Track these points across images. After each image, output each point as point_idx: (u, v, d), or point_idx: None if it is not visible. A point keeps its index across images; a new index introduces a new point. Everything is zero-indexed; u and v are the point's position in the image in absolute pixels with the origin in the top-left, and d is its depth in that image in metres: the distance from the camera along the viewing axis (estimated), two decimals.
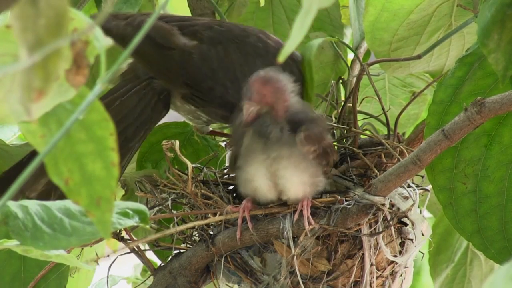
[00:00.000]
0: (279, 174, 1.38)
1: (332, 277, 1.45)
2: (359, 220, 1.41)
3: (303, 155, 1.37)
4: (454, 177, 1.38)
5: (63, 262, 0.99)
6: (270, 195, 1.40)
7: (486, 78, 1.36)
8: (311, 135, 1.36)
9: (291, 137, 1.36)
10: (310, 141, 1.36)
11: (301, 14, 0.81)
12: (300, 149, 1.36)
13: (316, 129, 1.37)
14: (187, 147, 1.64)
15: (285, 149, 1.36)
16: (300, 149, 1.36)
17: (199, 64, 1.47)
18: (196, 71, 1.47)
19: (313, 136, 1.36)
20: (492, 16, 1.21)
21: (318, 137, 1.37)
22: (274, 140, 1.36)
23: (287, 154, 1.36)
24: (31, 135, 0.84)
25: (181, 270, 1.49)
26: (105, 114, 0.83)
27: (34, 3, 0.75)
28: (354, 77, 1.61)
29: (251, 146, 1.38)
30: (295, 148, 1.36)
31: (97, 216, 0.85)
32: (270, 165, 1.37)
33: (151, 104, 1.49)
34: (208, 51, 1.47)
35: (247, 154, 1.38)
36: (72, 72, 0.78)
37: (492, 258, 1.38)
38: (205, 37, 1.47)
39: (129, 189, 1.60)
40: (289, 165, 1.37)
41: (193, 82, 1.47)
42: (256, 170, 1.38)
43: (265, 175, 1.38)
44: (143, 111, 1.49)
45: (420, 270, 1.90)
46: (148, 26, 0.79)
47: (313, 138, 1.36)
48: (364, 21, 1.51)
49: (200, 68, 1.47)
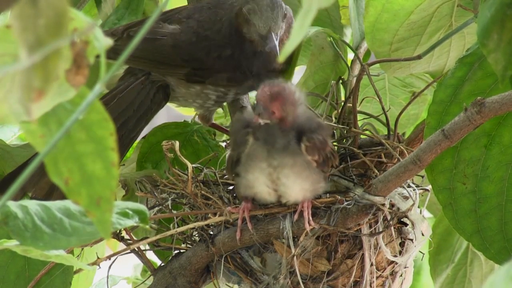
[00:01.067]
0: (280, 182, 1.37)
1: (332, 277, 1.45)
2: (359, 220, 1.41)
3: (306, 163, 1.36)
4: (454, 177, 1.38)
5: (63, 262, 0.99)
6: (270, 198, 1.40)
7: (486, 78, 1.36)
8: (315, 144, 1.36)
9: (296, 146, 1.36)
10: (313, 150, 1.36)
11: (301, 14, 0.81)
12: (304, 158, 1.36)
13: (319, 137, 1.36)
14: (187, 147, 1.64)
15: (288, 158, 1.36)
16: (304, 158, 1.36)
17: (190, 37, 1.49)
18: (188, 44, 1.50)
19: (317, 145, 1.36)
20: (492, 16, 1.21)
21: (321, 145, 1.36)
22: (279, 148, 1.35)
23: (290, 163, 1.36)
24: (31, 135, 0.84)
25: (181, 270, 1.49)
26: (105, 114, 0.83)
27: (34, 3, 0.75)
28: (354, 77, 1.61)
29: (253, 153, 1.37)
30: (299, 157, 1.36)
31: (97, 216, 0.85)
32: (271, 173, 1.37)
33: (150, 96, 1.52)
34: (192, 23, 1.49)
35: (248, 162, 1.38)
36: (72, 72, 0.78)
37: (491, 259, 1.38)
38: (184, 16, 1.52)
39: (130, 189, 1.60)
40: (291, 173, 1.37)
41: (190, 55, 1.49)
42: (256, 178, 1.38)
43: (265, 182, 1.38)
44: (143, 102, 1.51)
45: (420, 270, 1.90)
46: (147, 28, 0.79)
47: (317, 146, 1.36)
48: (364, 22, 1.51)
49: (191, 39, 1.50)
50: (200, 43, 1.49)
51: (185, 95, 1.53)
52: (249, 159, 1.37)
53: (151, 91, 1.52)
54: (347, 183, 1.47)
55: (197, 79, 1.51)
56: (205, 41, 1.49)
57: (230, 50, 1.48)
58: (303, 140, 1.35)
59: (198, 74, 1.50)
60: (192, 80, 1.51)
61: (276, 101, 1.34)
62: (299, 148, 1.35)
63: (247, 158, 1.37)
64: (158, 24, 1.51)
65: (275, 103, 1.34)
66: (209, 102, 1.53)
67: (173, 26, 1.51)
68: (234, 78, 1.49)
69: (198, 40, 1.49)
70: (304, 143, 1.35)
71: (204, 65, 1.49)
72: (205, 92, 1.52)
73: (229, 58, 1.48)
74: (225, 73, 1.49)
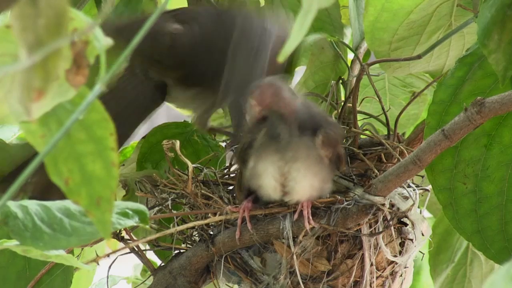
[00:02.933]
0: (290, 176, 1.36)
1: (332, 277, 1.45)
2: (359, 220, 1.41)
3: (319, 158, 1.36)
4: (454, 177, 1.38)
5: (63, 262, 0.99)
6: (274, 194, 1.39)
7: (486, 78, 1.36)
8: (330, 138, 1.35)
9: (305, 139, 1.35)
10: (328, 143, 1.35)
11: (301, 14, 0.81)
12: (317, 152, 1.35)
13: (334, 132, 1.36)
14: (187, 147, 1.64)
15: (301, 151, 1.35)
16: (317, 152, 1.35)
17: (187, 40, 1.50)
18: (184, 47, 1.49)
19: (332, 139, 1.35)
20: (492, 17, 1.21)
21: (335, 142, 1.36)
22: (285, 142, 1.35)
23: (303, 156, 1.35)
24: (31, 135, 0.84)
25: (181, 270, 1.49)
26: (105, 114, 0.83)
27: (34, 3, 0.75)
28: (354, 77, 1.61)
29: (264, 145, 1.36)
30: (312, 150, 1.35)
31: (97, 216, 0.85)
32: (282, 166, 1.36)
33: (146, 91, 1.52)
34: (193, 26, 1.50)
35: (259, 153, 1.37)
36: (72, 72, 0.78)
37: (492, 258, 1.38)
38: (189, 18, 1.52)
39: (130, 189, 1.60)
40: (302, 168, 1.36)
41: (185, 58, 1.49)
42: (265, 169, 1.37)
43: (273, 176, 1.37)
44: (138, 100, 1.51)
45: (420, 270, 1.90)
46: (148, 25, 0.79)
47: (332, 141, 1.35)
48: (364, 21, 1.51)
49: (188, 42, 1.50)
50: (196, 48, 1.49)
51: (181, 97, 1.53)
52: (261, 149, 1.36)
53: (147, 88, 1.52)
54: (347, 183, 1.47)
55: (191, 83, 1.50)
56: (201, 47, 1.49)
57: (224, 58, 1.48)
58: (321, 132, 1.35)
59: (192, 79, 1.50)
60: (186, 83, 1.51)
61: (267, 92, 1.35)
62: (312, 142, 1.35)
63: (259, 148, 1.37)
64: (162, 22, 1.51)
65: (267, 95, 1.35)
66: (203, 107, 1.53)
67: (176, 26, 1.52)
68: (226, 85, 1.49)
69: (194, 44, 1.49)
70: (319, 137, 1.35)
71: (198, 70, 1.49)
72: (199, 97, 1.52)
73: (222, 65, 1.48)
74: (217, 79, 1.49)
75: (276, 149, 1.35)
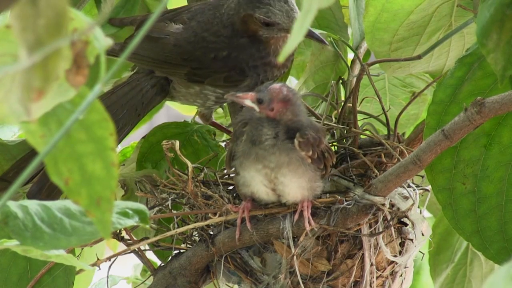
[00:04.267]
0: (277, 181, 1.38)
1: (332, 277, 1.45)
2: (359, 220, 1.41)
3: (301, 160, 1.37)
4: (454, 177, 1.38)
5: (63, 262, 1.00)
6: (268, 198, 1.40)
7: (485, 78, 1.36)
8: (308, 140, 1.36)
9: (287, 143, 1.36)
10: (307, 145, 1.36)
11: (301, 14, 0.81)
12: (298, 154, 1.36)
13: (312, 133, 1.37)
14: (187, 147, 1.64)
15: (283, 156, 1.36)
16: (298, 154, 1.36)
17: (189, 36, 1.51)
18: (188, 44, 1.51)
19: (310, 140, 1.36)
20: (491, 16, 1.21)
21: (315, 141, 1.37)
22: (269, 148, 1.36)
23: (286, 161, 1.36)
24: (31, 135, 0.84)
25: (181, 270, 1.49)
26: (105, 114, 0.83)
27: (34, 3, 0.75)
28: (354, 77, 1.61)
29: (246, 151, 1.38)
30: (293, 154, 1.36)
31: (97, 216, 0.85)
32: (268, 173, 1.37)
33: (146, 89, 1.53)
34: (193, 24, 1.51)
35: (243, 161, 1.38)
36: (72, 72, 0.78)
37: (491, 259, 1.38)
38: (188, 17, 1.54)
39: (129, 189, 1.60)
40: (287, 171, 1.37)
41: (189, 55, 1.50)
42: (252, 177, 1.38)
43: (262, 182, 1.38)
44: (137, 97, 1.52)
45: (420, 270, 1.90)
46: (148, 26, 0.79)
47: (310, 142, 1.36)
48: (364, 22, 1.51)
49: (190, 39, 1.51)
50: (198, 43, 1.50)
51: (186, 95, 1.54)
52: (243, 156, 1.38)
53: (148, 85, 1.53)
54: (347, 183, 1.47)
55: (196, 78, 1.51)
56: (203, 42, 1.49)
57: (227, 51, 1.49)
58: (297, 136, 1.36)
59: (198, 74, 1.51)
60: (192, 79, 1.51)
61: (283, 102, 1.36)
62: (292, 145, 1.36)
63: (242, 155, 1.38)
64: (164, 23, 1.52)
65: (280, 104, 1.36)
66: (209, 102, 1.54)
67: (177, 26, 1.52)
68: (231, 78, 1.50)
69: (196, 40, 1.50)
70: (297, 139, 1.36)
71: (202, 65, 1.50)
72: (204, 93, 1.52)
73: (226, 58, 1.48)
74: (221, 73, 1.50)
75: (258, 157, 1.36)
